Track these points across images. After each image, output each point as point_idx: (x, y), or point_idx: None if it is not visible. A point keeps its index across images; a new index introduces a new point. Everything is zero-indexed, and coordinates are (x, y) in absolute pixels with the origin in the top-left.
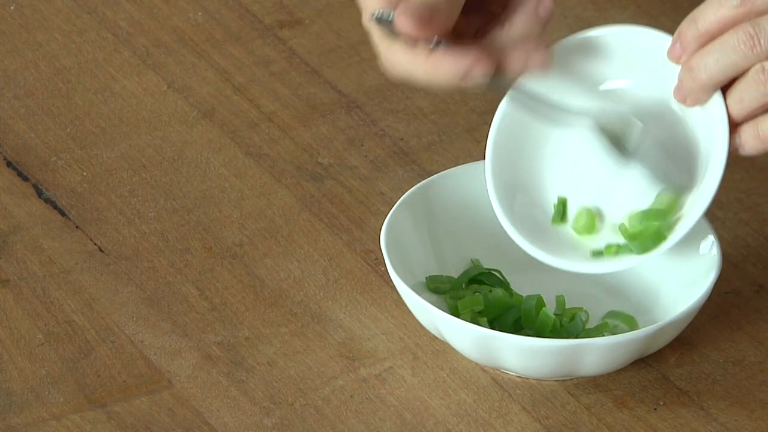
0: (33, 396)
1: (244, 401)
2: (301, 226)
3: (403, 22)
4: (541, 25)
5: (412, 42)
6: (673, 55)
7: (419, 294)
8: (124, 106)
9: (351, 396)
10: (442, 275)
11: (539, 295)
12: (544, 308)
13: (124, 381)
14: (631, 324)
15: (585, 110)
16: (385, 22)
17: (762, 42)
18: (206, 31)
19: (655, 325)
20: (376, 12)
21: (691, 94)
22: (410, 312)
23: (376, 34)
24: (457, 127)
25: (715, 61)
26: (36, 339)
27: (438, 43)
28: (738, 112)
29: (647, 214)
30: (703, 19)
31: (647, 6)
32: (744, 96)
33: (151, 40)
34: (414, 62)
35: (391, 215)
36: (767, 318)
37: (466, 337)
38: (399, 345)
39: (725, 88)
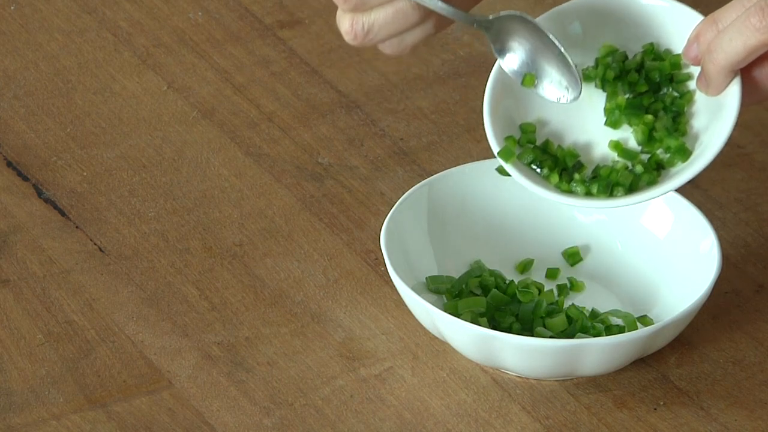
0: (33, 396)
1: (244, 401)
2: (301, 226)
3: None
4: None
5: None
6: (690, 56)
7: (419, 294)
8: (124, 106)
9: (351, 396)
10: (442, 275)
11: (538, 297)
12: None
13: (124, 381)
14: (631, 324)
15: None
16: None
17: None
18: (206, 31)
19: (655, 325)
20: None
21: (712, 80)
22: (410, 312)
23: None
24: (457, 127)
25: (729, 41)
26: (36, 339)
27: None
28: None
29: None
30: (724, 20)
31: None
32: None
33: (151, 40)
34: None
35: (391, 215)
36: (767, 318)
37: (466, 337)
38: (399, 345)
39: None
